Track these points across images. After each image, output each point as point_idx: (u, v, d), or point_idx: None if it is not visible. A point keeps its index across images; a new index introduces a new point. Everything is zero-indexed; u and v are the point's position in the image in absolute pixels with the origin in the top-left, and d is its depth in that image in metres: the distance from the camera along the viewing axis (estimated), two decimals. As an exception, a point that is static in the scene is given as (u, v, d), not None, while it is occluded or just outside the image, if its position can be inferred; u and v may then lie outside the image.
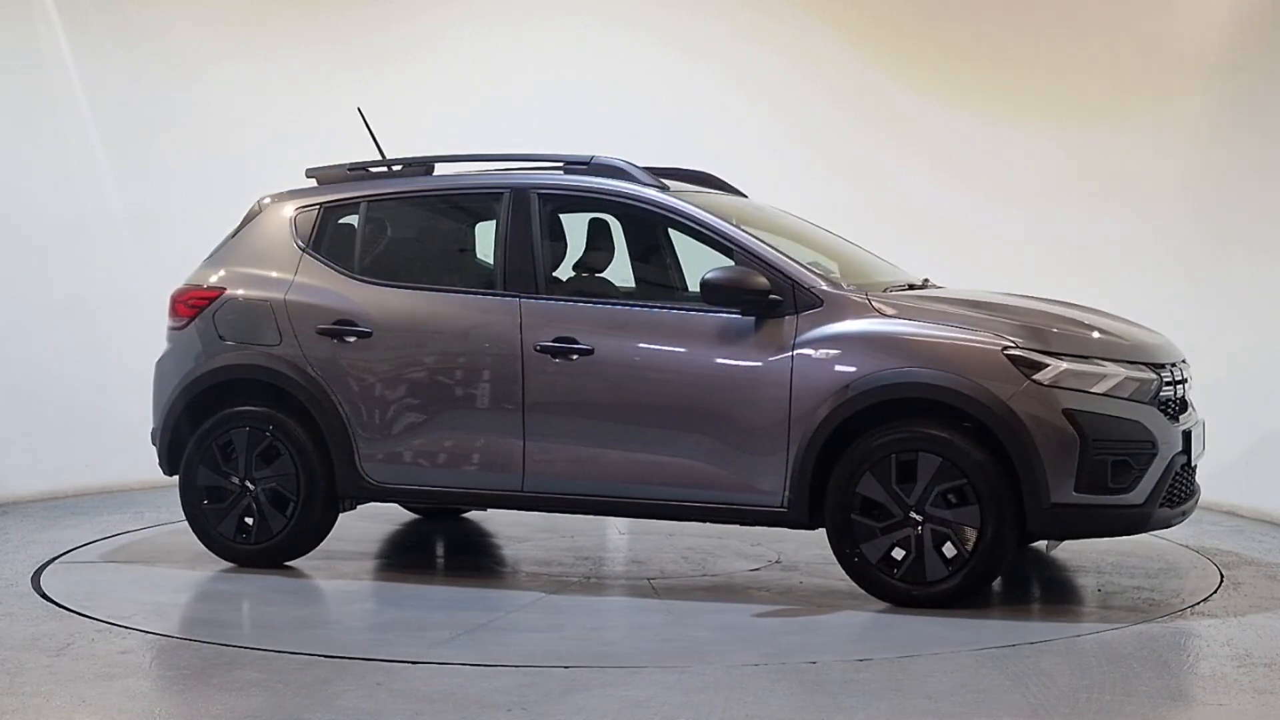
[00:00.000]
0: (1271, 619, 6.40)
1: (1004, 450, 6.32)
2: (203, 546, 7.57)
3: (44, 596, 6.82)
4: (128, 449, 9.89)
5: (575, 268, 7.40)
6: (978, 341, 6.41)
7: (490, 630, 6.27)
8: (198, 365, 7.55)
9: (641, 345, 6.82)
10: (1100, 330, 6.70)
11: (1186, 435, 6.64)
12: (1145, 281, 9.65)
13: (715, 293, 6.63)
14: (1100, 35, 10.12)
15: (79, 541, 8.08)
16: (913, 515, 6.41)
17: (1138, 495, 6.42)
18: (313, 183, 7.82)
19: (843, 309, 6.58)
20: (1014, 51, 10.38)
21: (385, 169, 7.70)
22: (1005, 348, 6.38)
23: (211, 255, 7.84)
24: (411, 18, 10.95)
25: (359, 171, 7.71)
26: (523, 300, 6.99)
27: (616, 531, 8.40)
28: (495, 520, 8.70)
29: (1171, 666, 5.71)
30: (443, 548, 8.27)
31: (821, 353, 6.53)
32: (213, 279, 7.68)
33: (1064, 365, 6.36)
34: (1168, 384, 6.62)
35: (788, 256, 6.77)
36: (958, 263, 8.88)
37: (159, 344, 10.06)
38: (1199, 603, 6.68)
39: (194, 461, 7.50)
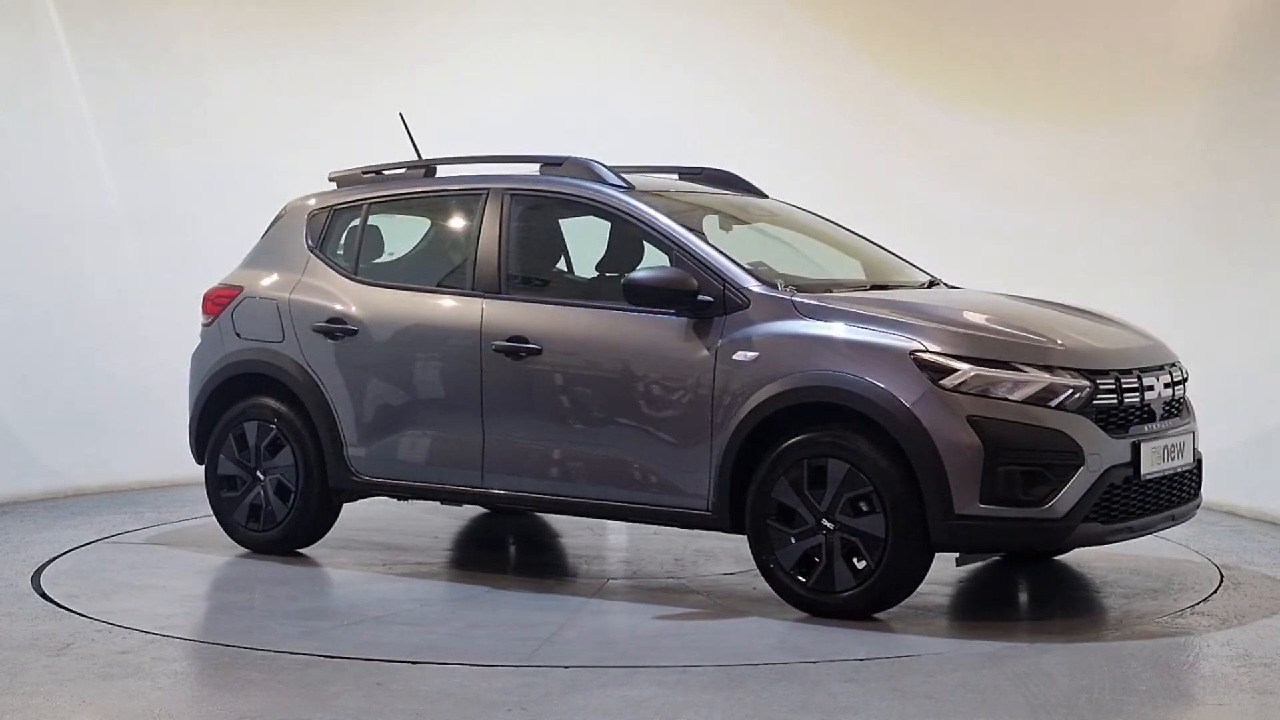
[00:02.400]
0: (1271, 619, 6.40)
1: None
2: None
3: (44, 596, 6.82)
4: (127, 449, 9.93)
5: (598, 268, 7.42)
6: (887, 344, 6.19)
7: (381, 622, 6.37)
8: (218, 360, 7.87)
9: (584, 345, 6.84)
10: (1034, 334, 6.33)
11: (1135, 447, 6.25)
12: (1145, 281, 9.65)
13: (636, 294, 6.60)
14: (1100, 36, 10.12)
15: (79, 541, 8.08)
16: (824, 523, 6.24)
17: (1056, 509, 6.04)
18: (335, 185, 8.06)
19: (766, 310, 6.45)
20: (1014, 52, 10.38)
21: (397, 171, 7.86)
22: (914, 351, 6.15)
23: (245, 257, 8.15)
24: (415, 20, 10.94)
25: (371, 174, 7.92)
26: (485, 300, 7.11)
27: (652, 531, 8.37)
28: (552, 516, 8.69)
29: (1171, 666, 5.71)
30: (460, 542, 8.26)
31: (741, 354, 6.43)
32: (234, 278, 8.04)
33: (974, 370, 6.07)
34: (1108, 392, 6.22)
35: (726, 257, 6.67)
36: (958, 263, 8.85)
37: (159, 343, 10.14)
38: (1199, 603, 6.67)
39: (215, 451, 7.83)
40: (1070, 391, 6.13)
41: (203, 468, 7.91)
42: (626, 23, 11.04)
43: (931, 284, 7.39)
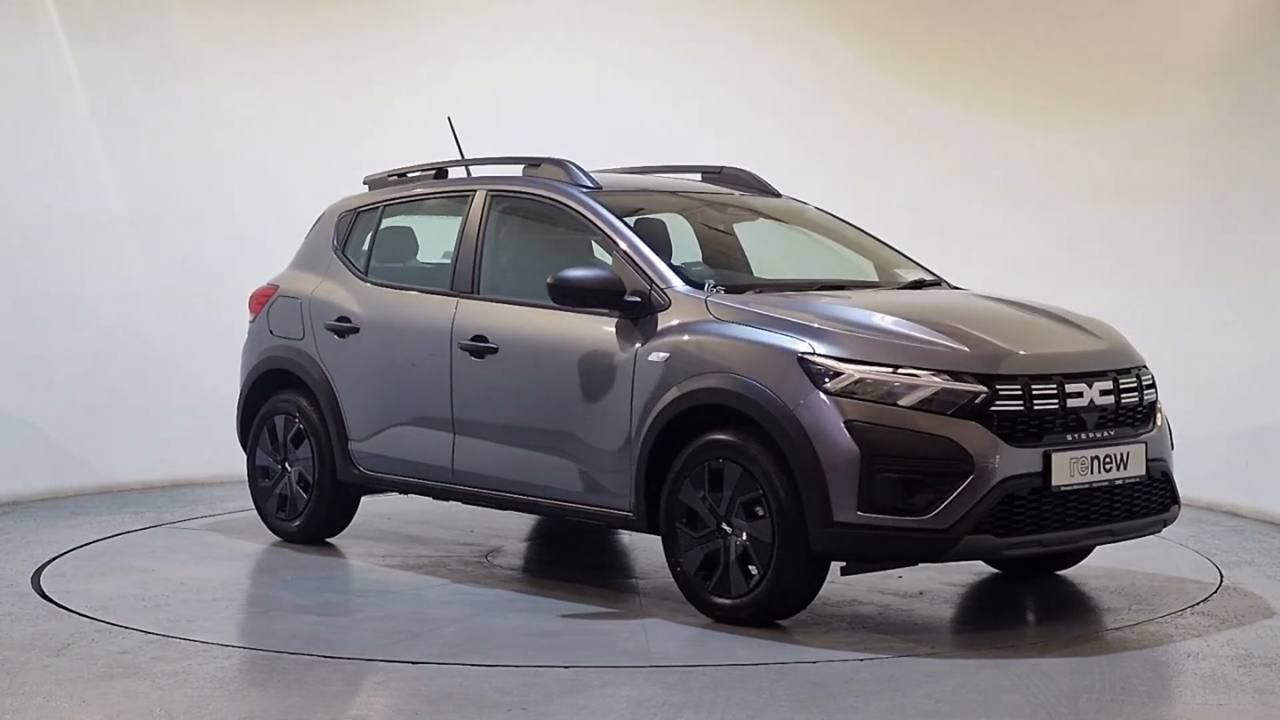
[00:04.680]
0: (1271, 619, 6.40)
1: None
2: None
3: (44, 596, 6.82)
4: (128, 449, 9.93)
5: None
6: (778, 346, 6.06)
7: (298, 609, 6.57)
8: (257, 356, 8.22)
9: (534, 345, 6.90)
10: (939, 338, 6.06)
11: (1046, 457, 5.94)
12: (1145, 281, 9.65)
13: (560, 294, 6.61)
14: (1100, 35, 10.12)
15: (79, 541, 8.08)
16: (724, 526, 6.15)
17: (940, 519, 5.78)
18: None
19: (684, 310, 6.41)
20: (1015, 52, 10.38)
21: (419, 175, 8.03)
22: (802, 354, 6.01)
23: (293, 258, 8.42)
24: (418, 23, 10.93)
25: (395, 177, 8.11)
26: (461, 300, 7.25)
27: None
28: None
29: (1171, 666, 5.71)
30: (491, 536, 8.25)
31: (655, 355, 6.41)
32: (276, 277, 8.32)
33: (859, 374, 5.90)
34: (1011, 398, 5.92)
35: (659, 257, 6.66)
36: (957, 263, 8.86)
37: (159, 344, 10.16)
38: (1199, 603, 6.67)
39: (254, 443, 8.20)
40: (966, 397, 5.89)
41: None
42: (629, 24, 11.04)
43: (919, 283, 7.23)
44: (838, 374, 5.93)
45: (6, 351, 9.62)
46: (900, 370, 5.93)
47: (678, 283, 6.54)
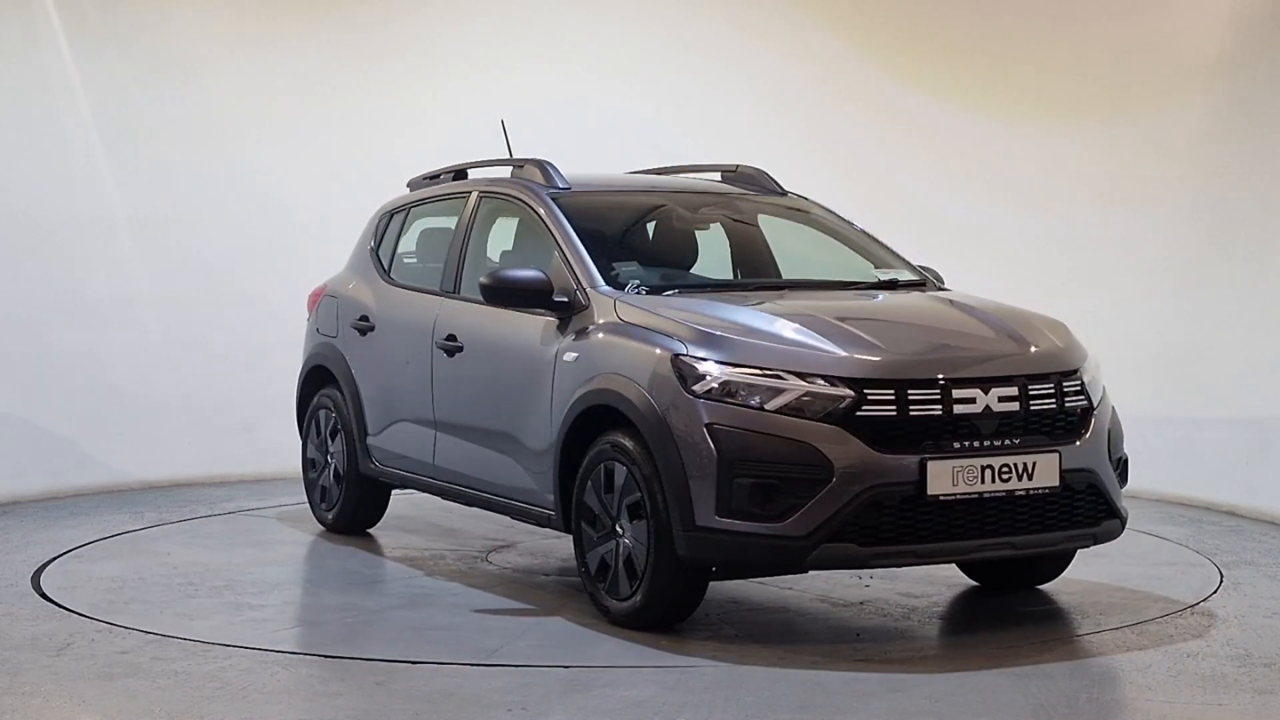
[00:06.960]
0: (1271, 619, 6.40)
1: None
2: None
3: (44, 596, 6.83)
4: (127, 449, 9.93)
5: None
6: (659, 347, 6.01)
7: (249, 592, 6.79)
8: (307, 353, 8.53)
9: (489, 344, 6.99)
10: (813, 341, 5.91)
11: (922, 465, 5.68)
12: (1144, 281, 9.65)
13: (489, 293, 6.66)
14: (1100, 35, 10.13)
15: (79, 541, 8.09)
16: (616, 528, 6.13)
17: (796, 526, 5.64)
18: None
19: (599, 311, 6.41)
20: (1015, 51, 10.39)
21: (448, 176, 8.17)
22: (676, 355, 5.94)
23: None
24: (420, 20, 10.92)
25: (429, 179, 8.25)
26: (445, 299, 7.40)
27: None
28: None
29: (1171, 666, 5.70)
30: (517, 533, 8.26)
31: (569, 356, 6.42)
32: (330, 278, 8.52)
33: (725, 376, 5.81)
34: (882, 403, 5.74)
35: (591, 257, 6.65)
36: (956, 262, 8.85)
37: (158, 344, 10.17)
38: (1199, 603, 6.67)
39: (305, 436, 8.50)
40: (831, 402, 5.73)
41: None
42: (630, 23, 11.05)
43: (892, 284, 7.07)
44: (705, 376, 5.87)
45: (6, 351, 9.63)
46: (766, 373, 5.82)
47: (601, 283, 6.55)
